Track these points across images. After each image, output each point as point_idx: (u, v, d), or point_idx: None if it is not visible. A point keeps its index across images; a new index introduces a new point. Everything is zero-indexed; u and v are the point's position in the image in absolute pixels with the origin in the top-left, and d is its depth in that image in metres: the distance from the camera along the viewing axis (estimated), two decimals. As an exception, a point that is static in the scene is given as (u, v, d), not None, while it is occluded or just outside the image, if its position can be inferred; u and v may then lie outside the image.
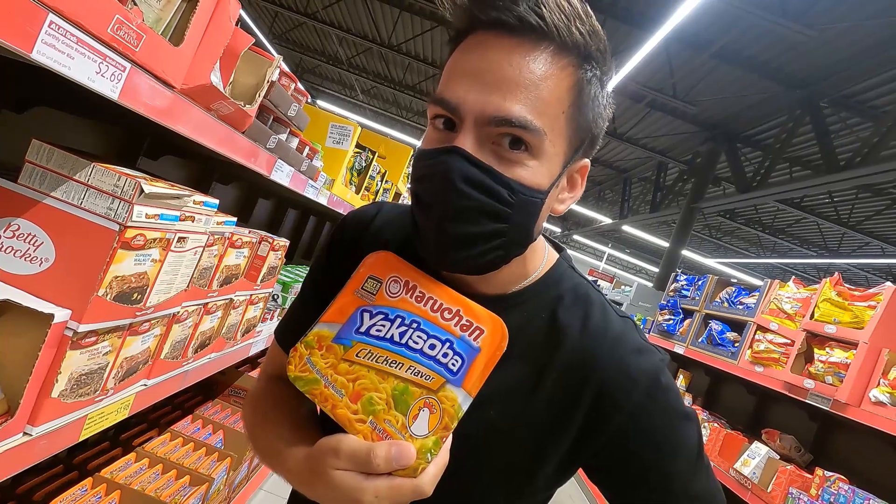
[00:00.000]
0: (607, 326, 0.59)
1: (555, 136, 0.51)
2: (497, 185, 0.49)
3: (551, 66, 0.49)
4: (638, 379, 0.56)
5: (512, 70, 0.48)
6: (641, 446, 0.56)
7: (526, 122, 0.48)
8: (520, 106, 0.48)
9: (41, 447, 0.72)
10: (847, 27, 4.38)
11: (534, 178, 0.51)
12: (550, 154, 0.51)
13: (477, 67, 0.49)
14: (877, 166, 4.74)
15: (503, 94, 0.48)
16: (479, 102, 0.48)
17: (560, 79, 0.50)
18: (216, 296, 1.14)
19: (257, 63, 1.02)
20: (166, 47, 0.69)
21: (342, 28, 9.08)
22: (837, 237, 10.20)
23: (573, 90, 0.51)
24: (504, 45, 0.49)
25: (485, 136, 0.50)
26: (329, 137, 2.12)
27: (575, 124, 0.52)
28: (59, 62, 0.52)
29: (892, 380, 1.86)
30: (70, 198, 0.71)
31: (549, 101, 0.49)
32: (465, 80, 0.49)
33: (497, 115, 0.48)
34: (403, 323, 0.49)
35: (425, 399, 0.46)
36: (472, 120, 0.49)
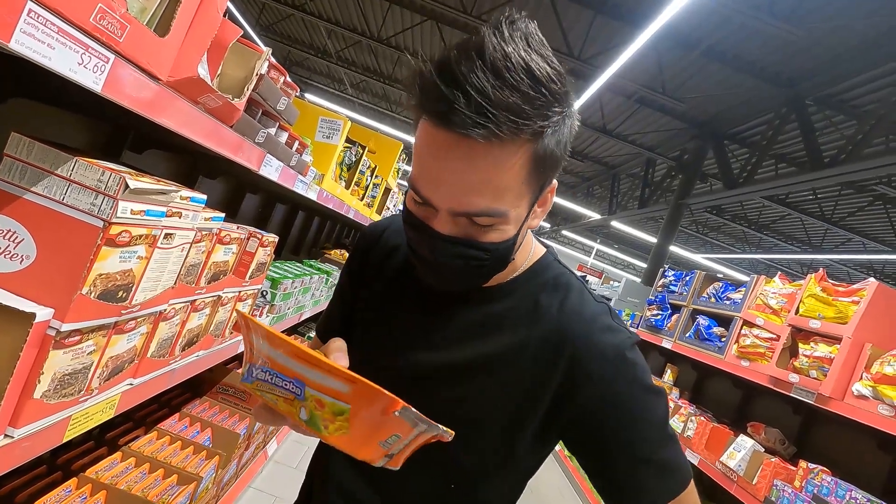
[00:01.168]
0: (582, 308, 0.67)
1: (519, 200, 0.58)
2: (474, 251, 0.59)
3: (506, 158, 0.54)
4: (606, 352, 0.63)
5: (471, 171, 0.54)
6: (609, 414, 0.62)
7: (489, 211, 0.56)
8: (481, 199, 0.55)
9: (23, 449, 0.71)
10: (833, 27, 4.44)
11: (504, 235, 0.60)
12: (517, 213, 0.59)
13: (439, 172, 0.56)
14: (860, 163, 4.82)
15: (466, 193, 0.55)
16: (446, 200, 0.57)
17: (516, 161, 0.55)
18: (204, 293, 1.12)
19: (246, 55, 0.99)
20: (152, 38, 0.67)
21: (331, 20, 8.97)
22: (821, 233, 10.38)
23: (530, 162, 0.56)
24: (457, 146, 0.53)
25: (457, 219, 0.58)
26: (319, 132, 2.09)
27: (536, 181, 0.58)
28: (39, 52, 0.50)
29: (875, 374, 1.90)
30: (52, 193, 0.69)
31: (509, 186, 0.56)
32: (431, 184, 0.57)
33: (463, 211, 0.56)
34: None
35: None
36: (444, 211, 0.58)
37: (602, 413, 0.62)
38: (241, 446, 1.78)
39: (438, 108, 0.52)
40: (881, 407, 1.82)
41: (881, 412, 1.81)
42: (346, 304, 0.82)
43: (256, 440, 2.07)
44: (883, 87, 4.94)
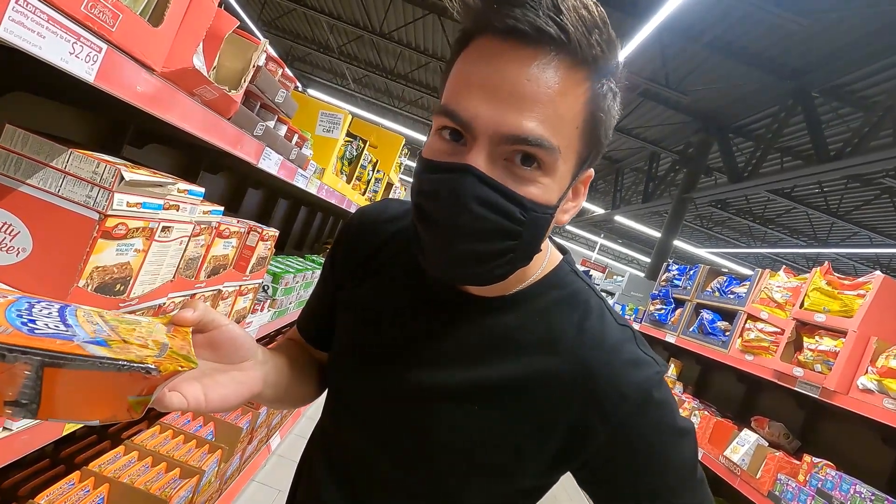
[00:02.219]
0: (604, 334, 0.57)
1: (568, 152, 0.49)
2: (510, 204, 0.48)
3: (569, 81, 0.47)
4: (628, 394, 0.54)
5: (529, 85, 0.45)
6: (628, 462, 0.55)
7: (542, 140, 0.46)
8: (536, 124, 0.46)
9: (22, 442, 0.71)
10: (840, 17, 4.38)
11: (545, 195, 0.50)
12: (562, 170, 0.50)
13: (490, 81, 0.46)
14: (867, 156, 4.77)
15: (519, 110, 0.45)
16: (493, 120, 0.46)
17: (577, 94, 0.48)
18: (204, 287, 1.12)
19: (243, 47, 0.99)
20: (145, 28, 0.66)
21: (333, 15, 8.94)
22: (826, 227, 10.31)
23: (588, 105, 0.49)
24: (519, 57, 0.45)
25: (498, 153, 0.48)
26: (319, 125, 2.08)
27: (587, 139, 0.51)
28: (29, 41, 0.49)
29: (881, 367, 1.89)
30: (47, 185, 0.68)
31: (566, 118, 0.47)
32: (478, 94, 0.46)
33: (513, 134, 0.46)
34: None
35: None
36: (486, 137, 0.47)
37: (622, 459, 0.55)
38: (244, 440, 1.78)
39: (507, 6, 0.45)
40: (886, 401, 1.81)
41: (887, 406, 1.79)
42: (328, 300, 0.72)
43: (259, 434, 2.08)
44: (891, 77, 4.88)
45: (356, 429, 0.64)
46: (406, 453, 0.60)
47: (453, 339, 0.60)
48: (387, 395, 0.61)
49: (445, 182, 0.48)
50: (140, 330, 0.46)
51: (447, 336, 0.60)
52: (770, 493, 2.12)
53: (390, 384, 0.61)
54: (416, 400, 0.59)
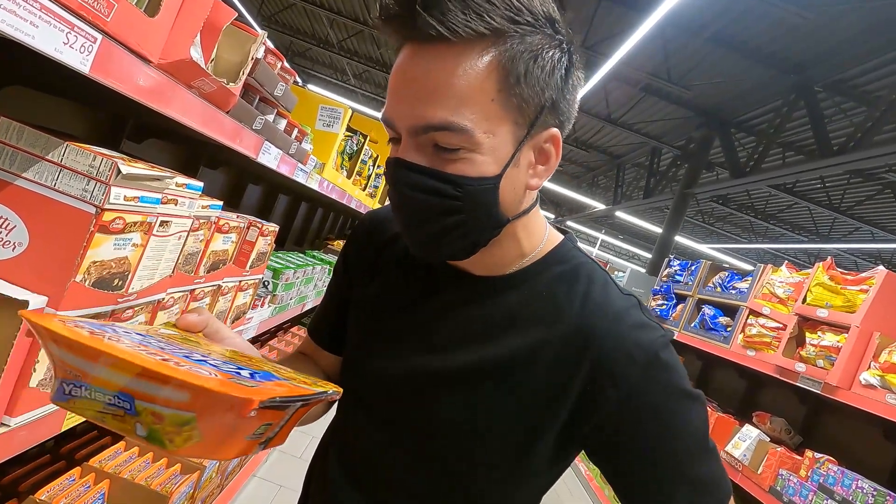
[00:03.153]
0: (608, 302, 0.58)
1: (491, 124, 0.51)
2: (440, 183, 0.52)
3: (464, 62, 0.50)
4: (635, 355, 0.55)
5: (427, 79, 0.50)
6: (639, 426, 0.55)
7: (447, 124, 0.50)
8: (438, 110, 0.50)
9: (21, 438, 0.70)
10: (843, 10, 4.34)
11: (478, 169, 0.52)
12: (492, 142, 0.52)
13: (399, 84, 0.52)
14: (870, 151, 4.75)
15: (423, 103, 0.50)
16: (405, 116, 0.52)
17: (477, 70, 0.50)
18: (203, 282, 1.11)
19: (241, 39, 0.97)
20: (141, 18, 0.65)
21: (333, 10, 8.89)
22: (828, 222, 10.27)
23: (498, 74, 0.50)
24: (418, 56, 0.51)
25: (422, 142, 0.53)
26: (319, 120, 2.07)
27: (515, 102, 0.52)
28: (21, 30, 0.48)
29: (883, 363, 1.88)
30: (43, 179, 0.67)
31: (471, 95, 0.50)
32: (393, 97, 0.53)
33: (420, 125, 0.51)
34: None
35: None
36: (406, 132, 0.53)
37: (631, 425, 0.55)
38: (245, 436, 1.78)
39: (398, 14, 0.50)
40: (889, 396, 1.80)
41: (889, 401, 1.78)
42: (340, 301, 0.75)
43: (260, 430, 2.07)
44: (894, 72, 4.85)
45: (368, 422, 0.65)
46: (418, 443, 0.61)
47: (458, 321, 0.61)
48: (396, 384, 0.62)
49: (389, 178, 0.56)
50: (214, 348, 0.51)
51: (452, 319, 0.62)
52: (772, 488, 2.12)
53: (399, 373, 0.62)
54: (426, 385, 0.61)
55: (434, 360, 0.61)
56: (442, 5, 0.48)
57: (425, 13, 0.48)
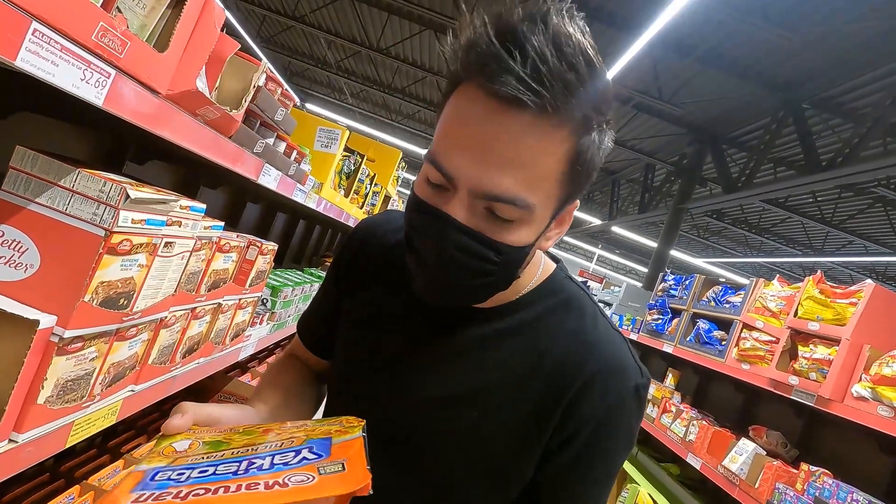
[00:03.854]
0: (597, 339, 0.61)
1: (549, 201, 0.52)
2: (486, 249, 0.52)
3: (548, 141, 0.48)
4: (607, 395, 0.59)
5: (509, 147, 0.48)
6: (588, 459, 0.60)
7: (517, 199, 0.49)
8: (512, 182, 0.48)
9: (27, 454, 0.72)
10: (826, 31, 4.48)
11: (521, 239, 0.53)
12: (539, 216, 0.53)
13: (473, 139, 0.49)
14: (858, 166, 4.84)
15: (498, 170, 0.48)
16: (473, 177, 0.49)
17: (557, 152, 0.49)
18: (204, 300, 1.14)
19: (243, 68, 1.02)
20: (151, 53, 0.69)
21: (331, 32, 9.07)
22: (822, 236, 10.37)
23: (569, 158, 0.50)
24: (500, 119, 0.47)
25: (477, 204, 0.51)
26: (317, 141, 2.12)
27: (568, 185, 0.53)
28: (44, 69, 0.52)
29: (874, 375, 1.91)
30: (55, 203, 0.71)
31: (544, 176, 0.50)
32: (462, 152, 0.49)
33: (490, 192, 0.49)
34: None
35: None
36: (465, 191, 0.50)
37: (583, 459, 0.60)
38: (243, 454, 1.78)
39: (490, 64, 0.46)
40: (881, 408, 1.82)
41: (881, 413, 1.81)
42: (329, 309, 0.75)
43: (258, 448, 2.07)
44: (879, 89, 4.97)
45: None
46: (406, 460, 0.62)
47: (451, 346, 0.62)
48: (386, 402, 0.63)
49: (429, 226, 0.53)
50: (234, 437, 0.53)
51: (445, 344, 0.62)
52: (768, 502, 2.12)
53: (389, 391, 0.63)
54: (415, 407, 0.61)
55: (425, 381, 0.61)
56: (545, 79, 0.45)
57: (528, 82, 0.45)
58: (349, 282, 0.73)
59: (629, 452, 0.63)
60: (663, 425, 3.14)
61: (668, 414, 3.17)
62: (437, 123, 0.55)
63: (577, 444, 0.59)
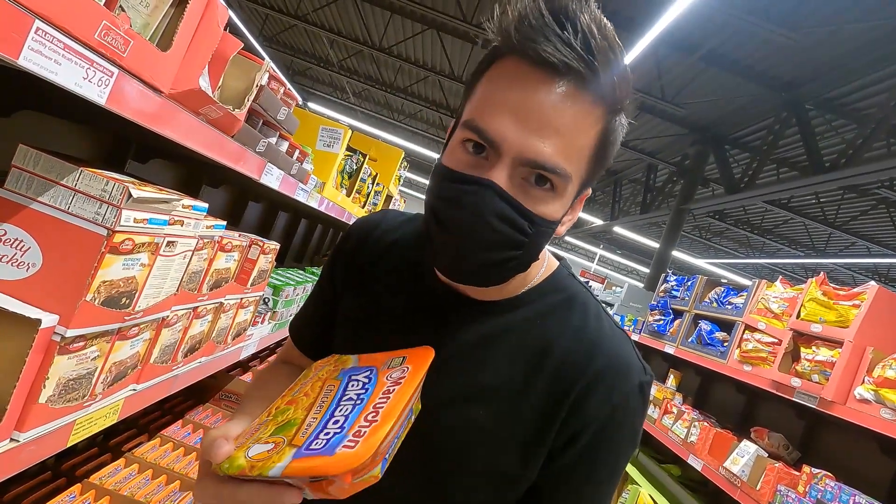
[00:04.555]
0: (601, 338, 0.61)
1: (579, 174, 0.55)
2: (522, 220, 0.53)
3: (589, 115, 0.51)
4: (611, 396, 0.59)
5: (554, 115, 0.50)
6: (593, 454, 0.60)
7: (558, 168, 0.51)
8: (556, 151, 0.50)
9: (28, 453, 0.72)
10: (830, 31, 4.46)
11: (552, 212, 0.55)
12: (569, 191, 0.55)
13: (519, 105, 0.50)
14: (861, 167, 4.82)
15: (543, 138, 0.50)
16: (518, 143, 0.50)
17: (593, 127, 0.52)
18: (206, 300, 1.14)
19: (246, 67, 1.02)
20: (154, 52, 0.69)
21: (333, 30, 9.07)
22: (824, 237, 10.34)
23: (600, 137, 0.54)
24: (547, 86, 0.49)
25: (518, 172, 0.52)
26: (319, 140, 2.12)
27: (594, 164, 0.56)
28: (47, 68, 0.52)
29: (877, 377, 1.90)
30: (57, 203, 0.71)
31: (581, 148, 0.52)
32: (507, 117, 0.50)
33: (535, 160, 0.50)
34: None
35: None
36: (509, 158, 0.51)
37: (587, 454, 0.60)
38: (244, 453, 1.78)
39: (542, 35, 0.48)
40: (883, 411, 1.81)
41: (883, 416, 1.80)
42: (325, 310, 0.75)
43: (259, 447, 2.07)
44: (882, 90, 4.95)
45: None
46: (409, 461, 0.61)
47: (453, 342, 0.62)
48: None
49: (468, 194, 0.51)
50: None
51: (447, 340, 0.62)
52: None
53: None
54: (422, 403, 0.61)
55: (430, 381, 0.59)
56: (593, 50, 0.48)
57: (579, 50, 0.48)
58: (346, 282, 0.72)
59: (634, 452, 0.63)
60: (665, 426, 3.13)
61: (670, 415, 3.16)
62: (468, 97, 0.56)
63: (581, 442, 0.59)
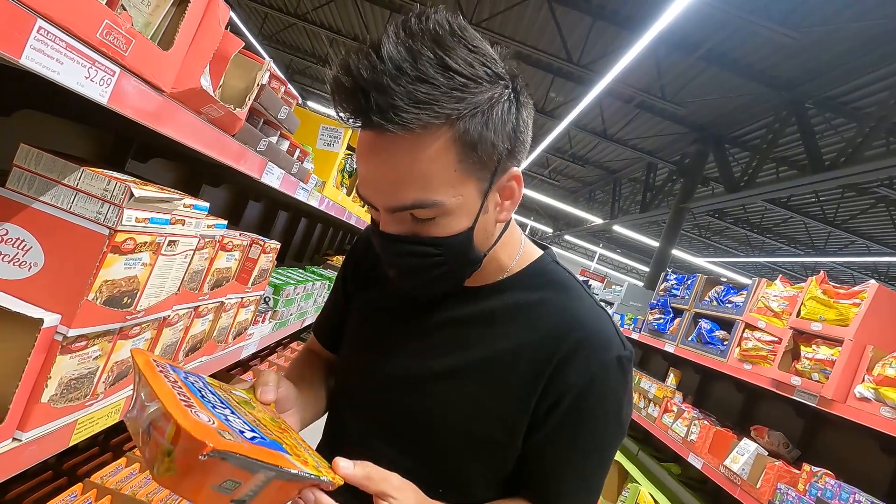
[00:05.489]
0: (583, 314, 0.66)
1: (457, 189, 0.57)
2: (422, 247, 0.60)
3: (423, 147, 0.54)
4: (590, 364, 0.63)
5: (392, 169, 0.55)
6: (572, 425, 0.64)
7: (420, 202, 0.56)
8: (408, 193, 0.56)
9: (31, 452, 0.72)
10: (830, 30, 4.46)
11: (452, 228, 0.59)
12: (460, 202, 0.58)
13: (367, 171, 0.58)
14: (861, 166, 4.82)
15: (394, 189, 0.56)
16: (381, 201, 0.59)
17: (436, 151, 0.54)
18: (207, 299, 1.14)
19: (247, 66, 1.02)
20: (156, 52, 0.69)
21: (332, 29, 9.05)
22: (824, 236, 10.35)
23: (455, 148, 0.55)
24: (378, 145, 0.55)
25: (400, 216, 0.59)
26: (320, 139, 2.12)
27: (476, 164, 0.57)
28: (49, 67, 0.52)
29: (877, 376, 1.90)
30: (59, 202, 0.71)
31: (435, 174, 0.55)
32: (366, 183, 0.59)
33: (396, 206, 0.57)
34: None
35: None
36: (384, 211, 0.59)
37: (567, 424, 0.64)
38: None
39: (347, 109, 0.54)
40: (883, 409, 1.82)
41: (884, 414, 1.80)
42: (339, 308, 0.85)
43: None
44: (882, 89, 4.95)
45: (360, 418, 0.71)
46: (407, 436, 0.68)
47: (445, 326, 0.69)
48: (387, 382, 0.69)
49: (377, 241, 0.63)
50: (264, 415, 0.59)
51: (440, 324, 0.69)
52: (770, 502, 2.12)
53: (390, 372, 0.69)
54: (414, 384, 0.67)
55: (424, 361, 0.68)
56: (393, 104, 0.50)
57: (378, 115, 0.51)
58: (355, 284, 0.82)
59: (620, 433, 0.66)
60: (665, 425, 3.14)
61: (670, 413, 3.17)
62: None
63: (561, 409, 0.63)
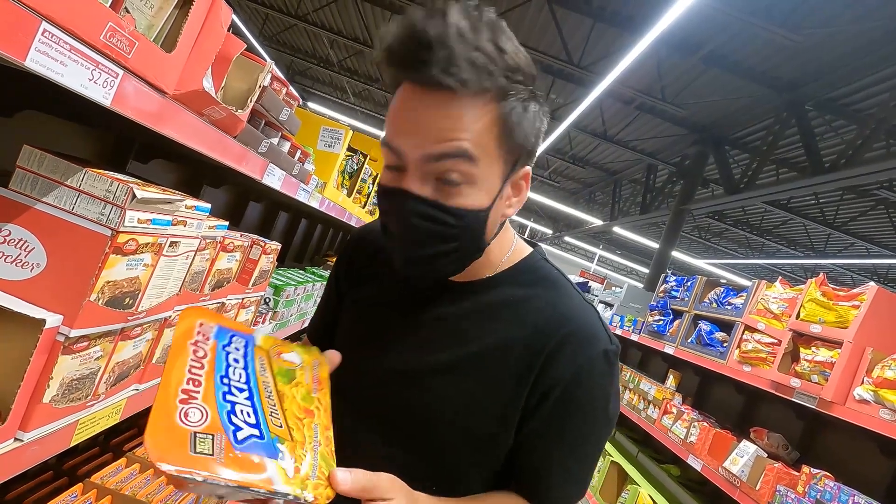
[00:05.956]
0: (571, 310, 0.68)
1: (489, 161, 0.60)
2: (443, 214, 0.60)
3: (472, 110, 0.58)
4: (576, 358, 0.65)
5: (441, 118, 0.57)
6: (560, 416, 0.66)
7: (463, 150, 0.58)
8: (453, 142, 0.58)
9: (32, 453, 0.72)
10: (831, 32, 4.46)
11: (474, 202, 0.61)
12: (486, 177, 0.61)
13: (409, 119, 0.59)
14: (861, 168, 4.83)
15: (437, 134, 0.58)
16: (417, 145, 0.59)
17: (484, 115, 0.58)
18: (208, 300, 1.14)
19: (249, 68, 1.02)
20: (159, 54, 0.69)
21: (333, 30, 9.06)
22: (823, 238, 10.35)
23: (498, 122, 0.59)
24: (429, 101, 0.58)
25: (427, 173, 0.60)
26: (321, 141, 2.12)
27: (506, 146, 0.61)
28: (53, 70, 0.52)
29: (876, 378, 1.90)
30: (62, 203, 0.71)
31: (479, 133, 0.58)
32: (403, 129, 0.60)
33: (435, 152, 0.58)
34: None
35: None
36: (415, 162, 0.59)
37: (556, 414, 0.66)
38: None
39: (410, 62, 0.56)
40: (883, 411, 1.82)
41: (883, 416, 1.80)
42: (332, 308, 0.85)
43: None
44: (882, 91, 4.95)
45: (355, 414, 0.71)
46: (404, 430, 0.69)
47: (438, 321, 0.70)
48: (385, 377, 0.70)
49: (392, 203, 0.62)
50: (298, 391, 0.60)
51: (433, 320, 0.71)
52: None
53: (388, 367, 0.70)
54: (409, 378, 0.69)
55: (419, 356, 0.69)
56: (454, 62, 0.54)
57: (438, 67, 0.54)
58: (348, 282, 0.83)
59: (608, 426, 0.68)
60: (664, 426, 3.14)
61: (669, 415, 3.17)
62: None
63: (549, 402, 0.65)
